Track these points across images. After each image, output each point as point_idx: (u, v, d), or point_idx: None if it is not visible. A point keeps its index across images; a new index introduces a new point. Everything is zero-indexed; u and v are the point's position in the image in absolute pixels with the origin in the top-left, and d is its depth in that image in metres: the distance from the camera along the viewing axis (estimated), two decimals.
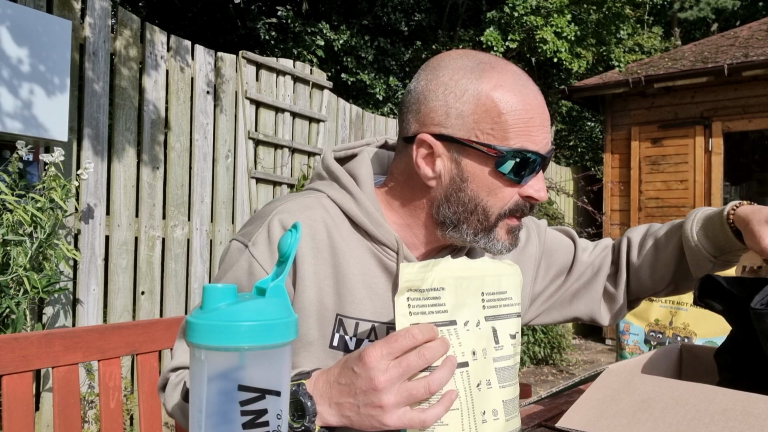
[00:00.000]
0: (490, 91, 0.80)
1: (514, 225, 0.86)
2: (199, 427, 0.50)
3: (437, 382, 0.65)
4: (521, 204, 0.84)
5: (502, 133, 0.80)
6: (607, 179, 6.90)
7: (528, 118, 0.80)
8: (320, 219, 0.87)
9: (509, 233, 0.86)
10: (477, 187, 0.82)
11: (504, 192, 0.83)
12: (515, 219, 0.86)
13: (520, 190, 0.83)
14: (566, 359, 5.64)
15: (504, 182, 0.82)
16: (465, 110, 0.80)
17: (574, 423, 0.72)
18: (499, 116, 0.79)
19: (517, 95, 0.80)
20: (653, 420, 0.70)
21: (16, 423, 1.06)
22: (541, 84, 10.40)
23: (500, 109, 0.79)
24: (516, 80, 0.81)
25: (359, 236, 0.88)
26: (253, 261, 0.85)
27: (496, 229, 0.85)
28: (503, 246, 0.86)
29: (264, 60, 3.79)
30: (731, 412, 0.69)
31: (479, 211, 0.83)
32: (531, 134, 0.80)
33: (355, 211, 0.87)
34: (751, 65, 5.88)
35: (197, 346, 0.50)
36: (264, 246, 0.85)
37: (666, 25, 13.35)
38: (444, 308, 0.69)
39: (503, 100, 0.79)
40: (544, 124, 0.82)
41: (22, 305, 2.24)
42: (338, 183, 0.90)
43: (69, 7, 2.80)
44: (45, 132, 2.56)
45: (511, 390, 0.75)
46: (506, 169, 0.80)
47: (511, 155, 0.79)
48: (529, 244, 1.06)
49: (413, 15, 9.00)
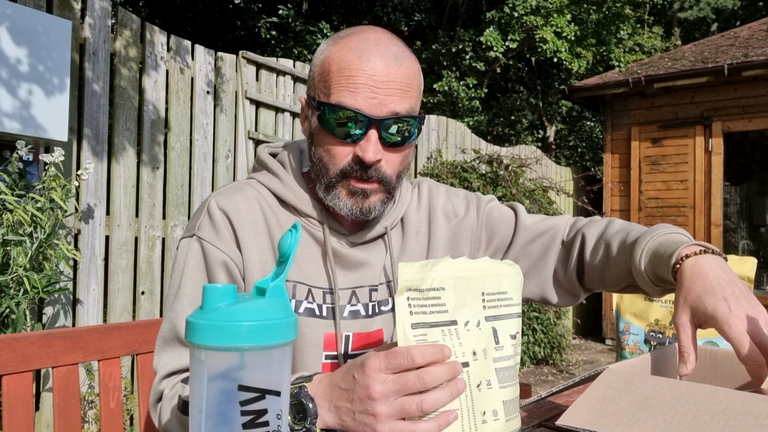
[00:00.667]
0: (332, 53, 0.87)
1: (356, 188, 0.89)
2: (199, 427, 0.50)
3: (430, 402, 0.65)
4: (354, 165, 0.88)
5: (327, 90, 0.86)
6: (607, 179, 6.90)
7: (352, 76, 0.84)
8: (253, 197, 0.95)
9: (351, 195, 0.90)
10: (319, 145, 0.90)
11: (337, 150, 0.88)
12: (354, 181, 0.89)
13: (354, 151, 0.87)
14: (566, 359, 5.64)
15: (336, 141, 0.88)
16: (316, 72, 0.90)
17: (574, 421, 0.73)
18: (328, 74, 0.86)
19: (351, 56, 0.85)
20: (654, 419, 0.70)
21: (16, 423, 1.06)
22: (541, 84, 10.41)
23: (330, 68, 0.86)
24: (360, 44, 0.86)
25: (288, 213, 0.96)
26: (203, 242, 0.91)
27: (338, 188, 0.90)
28: (345, 206, 0.90)
29: (264, 60, 3.79)
30: (732, 411, 0.69)
31: (322, 169, 0.91)
32: (352, 92, 0.84)
33: (281, 189, 0.96)
34: (751, 65, 5.88)
35: (197, 346, 0.50)
36: (209, 227, 0.92)
37: (666, 25, 13.35)
38: (444, 308, 0.69)
39: (336, 59, 0.86)
40: (374, 85, 0.84)
41: (22, 305, 2.24)
42: (267, 170, 1.00)
43: (69, 7, 2.80)
44: (45, 132, 2.56)
45: (511, 390, 0.75)
46: (326, 123, 0.86)
47: (329, 109, 0.85)
48: (467, 217, 1.09)
49: (413, 15, 9.01)
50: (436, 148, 5.17)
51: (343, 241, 0.97)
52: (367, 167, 0.87)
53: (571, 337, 6.43)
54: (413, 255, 1.05)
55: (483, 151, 5.56)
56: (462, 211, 1.10)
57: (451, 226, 1.08)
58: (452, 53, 8.50)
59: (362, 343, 0.96)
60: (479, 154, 5.32)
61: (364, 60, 0.85)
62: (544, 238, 1.08)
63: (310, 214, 0.96)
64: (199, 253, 0.92)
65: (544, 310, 5.30)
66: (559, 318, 5.58)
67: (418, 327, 0.68)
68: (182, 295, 0.91)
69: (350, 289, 0.97)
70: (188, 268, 0.92)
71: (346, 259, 0.96)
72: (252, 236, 0.92)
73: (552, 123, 10.55)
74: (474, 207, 1.11)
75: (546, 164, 6.61)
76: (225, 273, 0.91)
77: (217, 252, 0.91)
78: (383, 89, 0.85)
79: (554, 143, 10.64)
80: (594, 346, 6.74)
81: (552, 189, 5.76)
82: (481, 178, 5.07)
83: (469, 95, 8.19)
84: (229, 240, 0.92)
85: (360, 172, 0.88)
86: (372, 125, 0.85)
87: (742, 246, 8.39)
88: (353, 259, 0.97)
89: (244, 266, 0.91)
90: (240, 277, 0.92)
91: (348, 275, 0.97)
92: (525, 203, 5.05)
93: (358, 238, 0.98)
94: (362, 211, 0.91)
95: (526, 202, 5.12)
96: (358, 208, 0.91)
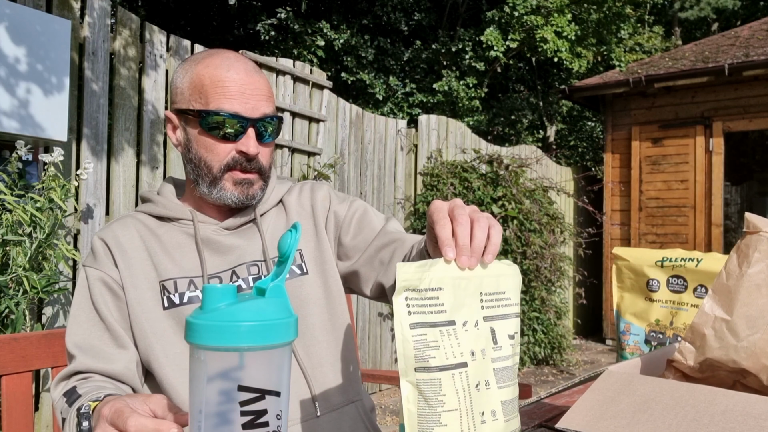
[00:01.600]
0: (200, 71, 1.03)
1: (240, 178, 1.04)
2: (199, 427, 0.50)
3: None
4: (238, 158, 1.03)
5: (204, 99, 1.02)
6: (607, 179, 6.90)
7: (226, 86, 1.01)
8: (131, 225, 1.09)
9: (236, 185, 1.05)
10: (198, 147, 1.04)
11: (220, 148, 1.03)
12: (238, 172, 1.04)
13: (235, 147, 1.02)
14: (566, 359, 5.64)
15: (217, 140, 1.02)
16: (185, 88, 1.05)
17: (574, 424, 0.72)
18: (202, 87, 1.02)
19: (220, 71, 1.02)
20: (653, 421, 0.70)
21: (15, 423, 1.05)
22: (542, 83, 10.41)
23: (203, 82, 1.02)
24: (224, 62, 1.04)
25: (167, 225, 1.10)
26: (86, 268, 1.06)
27: (222, 181, 1.04)
28: (233, 195, 1.05)
29: (264, 59, 3.79)
30: (731, 413, 0.69)
31: (204, 167, 1.04)
32: (229, 98, 1.01)
33: (155, 209, 1.10)
34: (752, 65, 5.87)
35: (197, 346, 0.50)
36: (90, 256, 1.08)
37: (666, 25, 13.35)
38: (443, 308, 0.69)
39: (207, 75, 1.02)
40: (245, 92, 1.02)
41: (22, 305, 2.24)
42: (143, 201, 1.15)
43: (68, 7, 2.80)
44: (44, 132, 2.55)
45: (510, 390, 0.74)
46: (207, 126, 1.01)
47: (209, 114, 1.01)
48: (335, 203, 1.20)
49: (413, 14, 9.00)
50: (436, 148, 5.17)
51: (217, 229, 1.10)
52: (250, 159, 1.03)
53: (572, 338, 6.43)
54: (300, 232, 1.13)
55: (483, 151, 5.56)
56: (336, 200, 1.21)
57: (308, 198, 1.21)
58: (452, 53, 8.49)
59: None
60: (479, 154, 5.32)
61: (233, 72, 1.02)
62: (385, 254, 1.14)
63: (181, 216, 1.09)
64: (83, 278, 1.06)
65: (545, 310, 5.30)
66: (559, 318, 5.58)
67: (417, 327, 0.67)
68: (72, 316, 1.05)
69: (229, 270, 1.08)
70: (76, 293, 1.06)
71: (220, 244, 1.08)
72: (131, 255, 1.06)
73: (552, 123, 10.55)
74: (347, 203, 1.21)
75: (546, 164, 6.61)
76: (104, 287, 1.04)
77: (95, 272, 1.05)
78: (253, 95, 1.02)
79: (554, 143, 10.64)
80: (594, 347, 6.74)
81: (552, 189, 5.76)
82: (481, 178, 5.07)
83: (469, 95, 8.19)
84: (106, 261, 1.05)
85: (244, 164, 1.03)
86: (250, 125, 1.02)
87: None
88: (228, 243, 1.09)
89: (123, 282, 1.04)
90: (119, 290, 1.05)
91: (225, 258, 1.09)
92: (525, 203, 5.05)
93: (230, 224, 1.10)
94: (248, 197, 1.06)
95: (527, 202, 5.11)
96: (244, 196, 1.06)
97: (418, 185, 5.06)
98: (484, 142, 5.90)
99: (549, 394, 0.94)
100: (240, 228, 1.12)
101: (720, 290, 0.87)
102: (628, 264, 1.64)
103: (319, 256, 1.15)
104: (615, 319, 1.67)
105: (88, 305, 1.05)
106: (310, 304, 1.12)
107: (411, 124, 5.52)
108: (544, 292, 5.28)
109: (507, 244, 4.83)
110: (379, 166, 4.73)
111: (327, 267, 1.15)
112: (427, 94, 8.46)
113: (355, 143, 4.52)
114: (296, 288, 1.12)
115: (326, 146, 4.23)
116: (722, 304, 0.86)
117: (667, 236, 6.52)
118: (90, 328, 1.03)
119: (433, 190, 4.93)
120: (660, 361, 1.01)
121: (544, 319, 5.35)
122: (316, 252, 1.16)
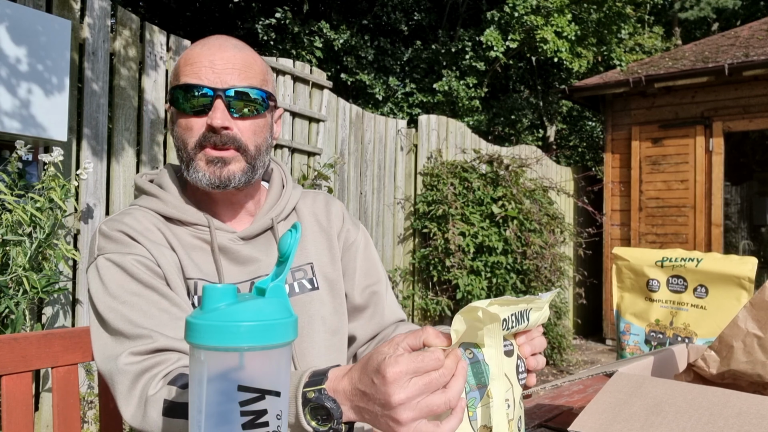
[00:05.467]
0: (180, 58, 1.01)
1: (213, 156, 0.97)
2: (199, 427, 0.50)
3: (456, 395, 0.65)
4: (207, 134, 0.96)
5: (176, 77, 0.99)
6: (607, 179, 6.89)
7: (195, 62, 0.97)
8: (141, 216, 1.00)
9: (209, 163, 0.97)
10: (178, 127, 0.99)
11: (191, 123, 0.97)
12: (210, 149, 0.97)
13: (205, 122, 0.96)
14: (567, 359, 5.63)
15: (187, 116, 0.97)
16: (170, 78, 1.03)
17: (587, 427, 0.72)
18: (178, 67, 1.00)
19: (197, 48, 0.99)
20: (667, 424, 0.69)
21: (15, 423, 1.05)
22: (542, 83, 10.40)
23: (179, 64, 1.00)
24: (207, 41, 1.01)
25: (176, 227, 1.01)
26: (110, 255, 0.94)
27: (195, 160, 0.98)
28: (204, 177, 0.97)
29: (263, 59, 3.79)
30: (746, 415, 0.68)
31: (182, 146, 0.99)
32: (196, 72, 0.96)
33: (163, 208, 1.01)
34: (752, 65, 5.87)
35: (197, 346, 0.50)
36: (109, 244, 0.97)
37: (667, 25, 13.34)
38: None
39: (185, 55, 1.00)
40: (214, 65, 0.97)
41: (22, 305, 2.24)
42: (146, 194, 1.05)
43: (68, 7, 2.80)
44: (44, 132, 2.55)
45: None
46: (176, 103, 0.97)
47: (177, 90, 0.97)
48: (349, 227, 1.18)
49: (413, 14, 9.00)
50: (436, 148, 5.17)
51: (233, 237, 1.03)
52: (219, 133, 0.96)
53: (572, 338, 6.43)
54: (313, 244, 1.12)
55: (483, 151, 5.56)
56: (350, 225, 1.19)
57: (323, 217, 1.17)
58: (452, 53, 8.49)
59: None
60: (479, 154, 5.32)
61: (206, 49, 0.98)
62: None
63: (196, 222, 1.01)
64: (110, 266, 0.93)
65: None
66: (559, 318, 5.58)
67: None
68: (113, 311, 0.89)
69: (248, 281, 1.02)
70: (108, 282, 0.92)
71: (237, 254, 1.02)
72: (159, 243, 0.97)
73: (552, 123, 10.55)
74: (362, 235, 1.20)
75: (546, 164, 6.61)
76: (144, 267, 0.93)
77: (127, 256, 0.93)
78: (222, 68, 0.97)
79: (555, 143, 10.63)
80: (594, 347, 6.74)
81: (552, 189, 5.76)
82: (481, 178, 5.06)
83: (469, 95, 8.18)
84: (132, 244, 0.95)
85: (214, 139, 0.96)
86: (217, 96, 0.95)
87: (743, 246, 8.39)
88: (245, 254, 1.02)
89: (158, 262, 0.95)
90: (159, 269, 0.94)
91: (243, 269, 1.02)
92: (525, 203, 5.04)
93: (247, 232, 1.04)
94: (221, 179, 0.97)
95: (527, 202, 5.11)
96: (216, 177, 0.97)
97: (418, 185, 5.06)
98: (484, 142, 5.90)
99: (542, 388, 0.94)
100: (256, 237, 1.06)
101: (759, 305, 0.85)
102: (628, 264, 1.64)
103: (331, 273, 1.12)
104: (615, 319, 1.67)
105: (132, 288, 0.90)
106: (317, 321, 1.07)
107: (411, 124, 5.52)
108: (544, 292, 5.28)
109: (507, 244, 4.83)
110: (379, 166, 4.72)
111: (338, 286, 1.12)
112: (427, 94, 8.46)
113: (355, 143, 4.52)
114: (305, 303, 1.07)
115: (326, 146, 4.23)
116: (758, 319, 0.85)
117: (667, 236, 6.52)
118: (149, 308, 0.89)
119: (433, 190, 4.93)
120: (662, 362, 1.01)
121: None
122: (329, 268, 1.12)
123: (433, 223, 4.81)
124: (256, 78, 1.02)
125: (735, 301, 1.43)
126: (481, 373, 0.68)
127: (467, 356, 0.68)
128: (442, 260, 4.73)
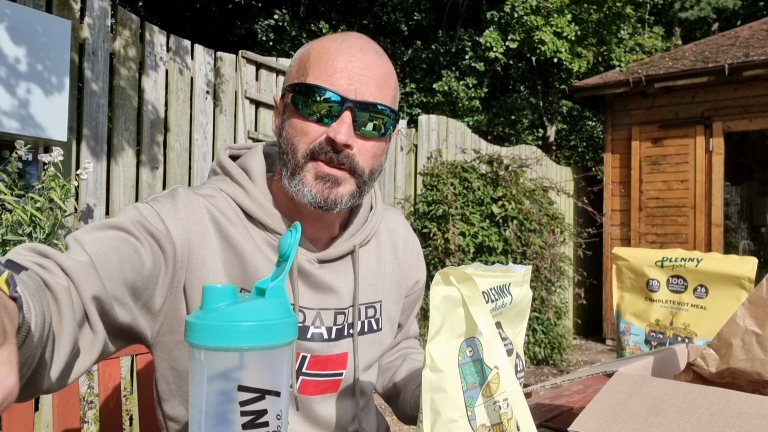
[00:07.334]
0: (314, 45, 0.89)
1: (323, 172, 0.85)
2: (199, 427, 0.50)
3: None
4: (325, 146, 0.85)
5: (304, 73, 0.86)
6: (607, 179, 6.89)
7: (331, 60, 0.85)
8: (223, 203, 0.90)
9: (317, 179, 0.86)
10: (290, 128, 0.87)
11: (310, 129, 0.85)
12: (323, 164, 0.85)
13: (326, 132, 0.85)
14: (566, 359, 5.63)
15: (306, 120, 0.85)
16: (294, 65, 0.90)
17: (587, 427, 0.72)
18: (307, 60, 0.87)
19: (332, 43, 0.87)
20: (667, 424, 0.69)
21: (15, 423, 1.05)
22: (542, 83, 10.40)
23: (310, 55, 0.87)
24: (343, 37, 0.88)
25: (254, 227, 0.91)
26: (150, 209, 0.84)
27: (304, 171, 0.86)
28: (310, 192, 0.86)
29: (263, 60, 3.79)
30: (746, 415, 0.68)
31: (290, 150, 0.87)
32: (330, 74, 0.84)
33: (248, 203, 0.90)
34: (752, 65, 5.87)
35: (197, 346, 0.50)
36: (167, 200, 0.86)
37: (667, 25, 13.34)
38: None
39: (317, 48, 0.87)
40: (350, 70, 0.84)
41: None
42: (230, 177, 0.93)
43: (68, 7, 2.80)
44: (44, 132, 2.55)
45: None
46: (299, 103, 0.85)
47: (303, 88, 0.85)
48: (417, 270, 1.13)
49: (413, 15, 9.00)
50: (436, 148, 5.17)
51: (312, 259, 0.93)
52: (338, 150, 0.84)
53: (572, 338, 6.43)
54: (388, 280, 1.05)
55: (483, 151, 5.56)
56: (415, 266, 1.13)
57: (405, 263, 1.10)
58: (452, 53, 8.49)
59: (319, 365, 0.94)
60: (479, 154, 5.32)
61: (344, 46, 0.86)
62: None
63: (278, 230, 0.91)
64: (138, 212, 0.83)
65: (545, 310, 5.30)
66: (559, 318, 5.57)
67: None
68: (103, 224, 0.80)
69: (316, 309, 0.93)
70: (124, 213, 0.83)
71: (313, 278, 0.92)
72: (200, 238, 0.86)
73: (552, 123, 10.55)
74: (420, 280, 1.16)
75: (546, 164, 6.61)
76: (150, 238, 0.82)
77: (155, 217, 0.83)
78: (360, 77, 0.85)
79: (555, 143, 10.63)
80: (594, 347, 6.73)
81: (552, 189, 5.75)
82: (481, 178, 5.06)
83: (469, 95, 8.18)
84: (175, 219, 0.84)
85: (330, 154, 0.85)
86: (346, 107, 0.83)
87: (743, 246, 8.39)
88: (320, 280, 0.93)
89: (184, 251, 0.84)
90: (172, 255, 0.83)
91: (314, 295, 0.93)
92: (525, 203, 5.04)
93: (326, 255, 0.94)
94: (327, 201, 0.86)
95: (527, 202, 5.11)
96: (323, 197, 0.86)
97: (418, 185, 5.06)
98: (484, 142, 5.90)
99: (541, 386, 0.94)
100: (334, 261, 0.96)
101: (757, 302, 0.85)
102: (628, 264, 1.64)
103: (393, 311, 1.06)
104: (615, 319, 1.67)
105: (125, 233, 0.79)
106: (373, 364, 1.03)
107: (411, 124, 5.52)
108: (544, 292, 5.28)
109: (507, 244, 4.83)
110: None
111: (395, 324, 1.08)
112: (427, 94, 8.46)
113: None
114: (369, 345, 1.00)
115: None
116: (756, 316, 0.85)
117: (667, 236, 6.52)
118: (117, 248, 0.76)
119: (433, 190, 4.93)
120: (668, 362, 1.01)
121: (543, 319, 5.35)
122: (392, 305, 1.05)
123: (433, 223, 4.81)
124: (390, 95, 0.89)
125: (735, 301, 1.43)
126: (480, 372, 0.68)
127: (467, 353, 0.67)
128: (442, 260, 4.73)
